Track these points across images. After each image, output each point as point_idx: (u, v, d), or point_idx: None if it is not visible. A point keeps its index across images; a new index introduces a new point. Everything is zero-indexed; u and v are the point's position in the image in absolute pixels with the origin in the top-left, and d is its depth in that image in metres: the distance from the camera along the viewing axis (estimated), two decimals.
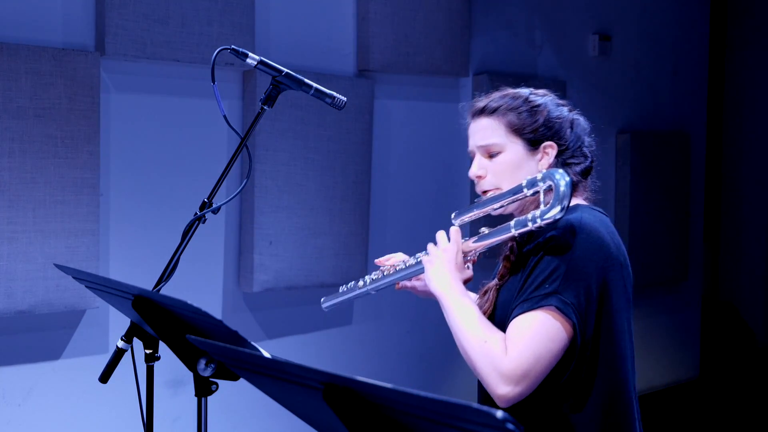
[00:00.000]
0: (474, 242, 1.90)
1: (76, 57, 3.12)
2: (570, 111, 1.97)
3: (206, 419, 1.86)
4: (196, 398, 1.84)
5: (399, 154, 4.18)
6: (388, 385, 1.06)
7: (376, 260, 2.19)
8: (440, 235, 1.93)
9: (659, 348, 5.60)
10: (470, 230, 2.06)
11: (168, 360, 2.04)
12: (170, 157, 3.46)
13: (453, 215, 1.99)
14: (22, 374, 3.15)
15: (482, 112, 1.97)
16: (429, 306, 4.61)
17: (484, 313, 1.85)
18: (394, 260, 2.14)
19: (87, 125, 3.14)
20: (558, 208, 1.68)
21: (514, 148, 1.90)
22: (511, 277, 1.87)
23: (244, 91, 3.61)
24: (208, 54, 3.24)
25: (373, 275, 2.14)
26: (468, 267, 1.93)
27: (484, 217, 1.95)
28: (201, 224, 2.17)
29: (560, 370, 1.77)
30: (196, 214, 2.16)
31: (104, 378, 2.03)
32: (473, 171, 1.94)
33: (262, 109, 2.26)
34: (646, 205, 5.28)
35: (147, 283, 2.16)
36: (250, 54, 2.24)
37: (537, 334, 1.71)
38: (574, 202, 1.89)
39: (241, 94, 3.62)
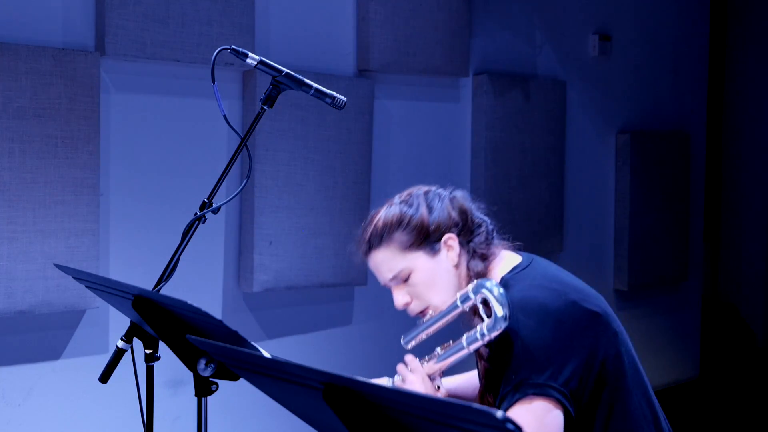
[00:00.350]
0: (435, 363, 1.90)
1: (76, 57, 3.12)
2: (440, 197, 1.95)
3: (206, 419, 1.86)
4: (196, 398, 1.84)
5: (399, 154, 4.18)
6: (389, 385, 1.06)
7: None
8: (401, 368, 1.93)
9: (659, 348, 5.60)
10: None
11: (168, 360, 2.04)
12: (170, 157, 3.46)
13: (402, 340, 1.98)
14: (22, 374, 3.15)
15: (371, 246, 1.94)
16: None
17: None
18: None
19: (87, 125, 3.14)
20: (502, 322, 1.67)
21: (419, 262, 1.88)
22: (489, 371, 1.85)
23: (244, 91, 3.61)
24: (208, 54, 3.24)
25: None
26: (438, 387, 1.94)
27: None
28: (201, 224, 2.17)
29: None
30: (196, 214, 2.16)
31: (104, 378, 2.03)
32: (397, 303, 1.93)
33: (262, 109, 2.26)
34: (646, 205, 5.28)
35: (147, 283, 2.16)
36: (250, 54, 2.24)
37: (528, 425, 1.66)
38: (496, 268, 1.89)
39: (241, 94, 3.62)
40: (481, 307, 1.72)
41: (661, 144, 5.37)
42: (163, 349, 1.91)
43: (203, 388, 1.82)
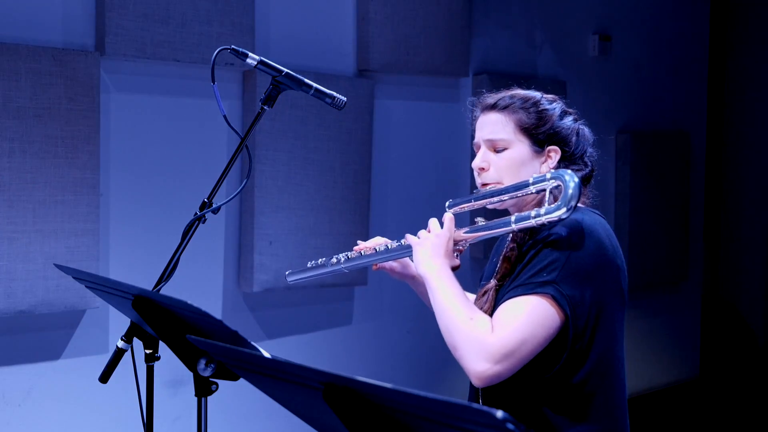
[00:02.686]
0: (466, 232, 1.91)
1: (76, 57, 3.12)
2: (575, 120, 1.99)
3: (206, 419, 1.86)
4: (196, 398, 1.84)
5: (399, 154, 4.18)
6: (388, 385, 1.06)
7: (358, 242, 2.19)
8: (433, 221, 1.94)
9: (659, 348, 5.60)
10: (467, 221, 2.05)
11: (168, 360, 2.04)
12: (170, 157, 3.46)
13: (448, 203, 2.01)
14: (22, 374, 3.15)
15: (493, 107, 1.98)
16: (429, 306, 4.60)
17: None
18: (373, 243, 2.15)
19: (87, 125, 3.14)
20: (564, 209, 1.69)
21: (521, 146, 1.92)
22: (510, 278, 1.86)
23: (244, 91, 3.61)
24: (208, 54, 3.24)
25: (350, 254, 2.14)
26: (456, 256, 1.93)
27: (480, 210, 1.97)
28: (201, 224, 2.17)
29: (548, 363, 1.77)
30: (196, 214, 2.16)
31: (104, 378, 2.03)
32: (476, 162, 1.95)
33: (262, 109, 2.26)
34: (646, 205, 5.28)
35: (147, 283, 2.16)
36: (250, 54, 2.24)
37: (528, 316, 1.71)
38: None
39: (241, 94, 3.62)
40: (547, 195, 1.75)
41: (661, 144, 5.37)
42: (163, 349, 1.91)
43: (203, 388, 1.82)
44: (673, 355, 5.71)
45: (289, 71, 2.27)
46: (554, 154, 1.92)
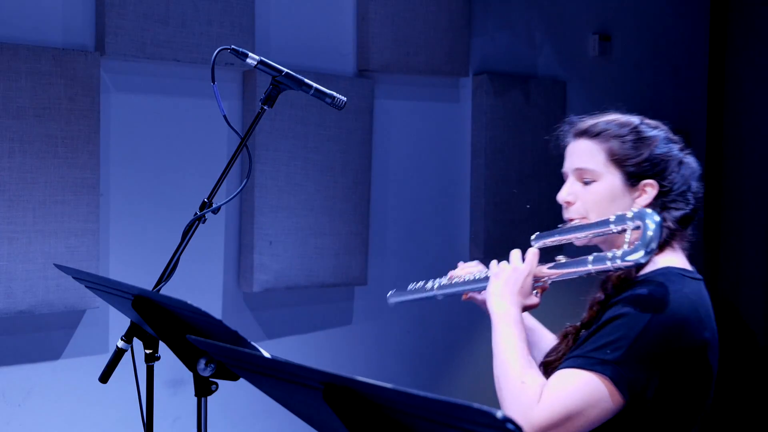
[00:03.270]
0: (549, 269, 1.78)
1: (76, 57, 3.11)
2: (681, 150, 1.82)
3: (206, 419, 1.86)
4: (196, 398, 1.84)
5: (399, 154, 4.18)
6: (388, 385, 1.06)
7: (456, 267, 2.07)
8: (515, 253, 1.82)
9: None
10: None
11: (168, 360, 2.04)
12: (170, 157, 3.46)
13: (533, 237, 1.89)
14: (22, 374, 3.15)
15: (585, 133, 1.83)
16: (429, 306, 4.61)
17: (560, 358, 1.74)
18: (469, 269, 2.03)
19: (87, 125, 3.14)
20: (642, 252, 1.55)
21: (611, 179, 1.77)
22: (587, 330, 1.73)
23: (244, 91, 3.61)
24: (208, 54, 3.24)
25: (444, 280, 2.04)
26: (536, 294, 1.81)
27: (566, 244, 1.86)
28: (201, 224, 2.17)
29: None
30: (196, 214, 2.16)
31: (104, 378, 2.03)
32: (562, 195, 1.83)
33: (262, 109, 2.26)
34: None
35: (147, 283, 2.16)
36: (250, 54, 2.24)
37: (578, 392, 1.60)
38: (668, 255, 1.76)
39: (241, 94, 3.62)
40: (628, 236, 1.60)
41: None
42: (163, 349, 1.91)
43: (203, 388, 1.82)
44: None
45: (289, 71, 2.27)
46: (650, 188, 1.76)
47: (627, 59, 5.25)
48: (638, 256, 1.56)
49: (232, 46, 2.24)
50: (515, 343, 1.70)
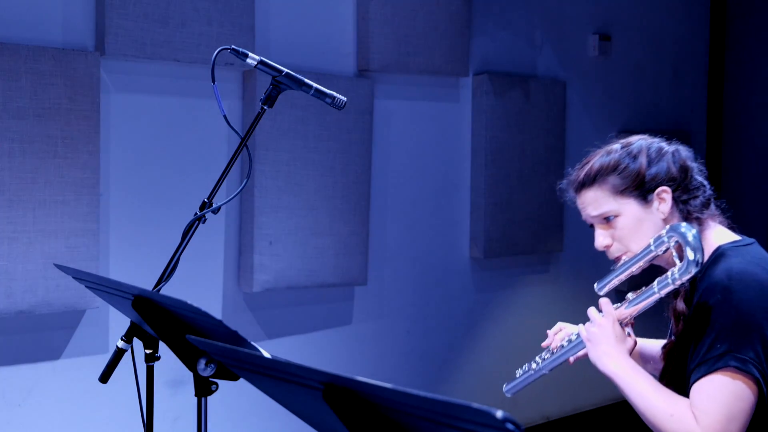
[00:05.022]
0: (625, 309, 1.86)
1: (76, 57, 3.12)
2: (668, 143, 1.94)
3: (206, 419, 1.86)
4: (196, 398, 1.84)
5: (399, 154, 4.18)
6: (388, 385, 1.06)
7: (547, 332, 2.16)
8: (592, 311, 1.89)
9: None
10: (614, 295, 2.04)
11: (168, 360, 2.04)
12: (170, 157, 3.46)
13: (596, 287, 1.96)
14: (22, 374, 3.15)
15: (583, 185, 1.93)
16: (429, 306, 4.61)
17: (668, 374, 1.83)
18: (560, 335, 2.12)
19: (87, 125, 3.14)
20: (693, 266, 1.66)
21: (628, 208, 1.87)
22: (689, 342, 1.81)
23: (244, 91, 3.61)
24: (208, 54, 3.24)
25: (545, 355, 2.11)
26: (629, 333, 1.88)
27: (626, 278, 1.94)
28: (201, 224, 2.17)
29: (759, 428, 1.73)
30: (196, 214, 2.16)
31: (104, 378, 2.03)
32: (599, 243, 1.92)
33: (262, 109, 2.26)
34: None
35: (147, 283, 2.16)
36: (250, 54, 2.24)
37: (723, 395, 1.68)
38: (711, 234, 1.86)
39: (241, 94, 3.62)
40: (674, 252, 1.72)
41: None
42: (163, 349, 1.91)
43: (203, 388, 1.81)
44: None
45: (289, 71, 2.27)
46: (665, 194, 1.86)
47: (627, 59, 5.25)
48: (693, 270, 1.67)
49: (232, 46, 2.24)
50: (644, 387, 1.77)
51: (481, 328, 4.56)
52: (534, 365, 2.12)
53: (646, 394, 1.76)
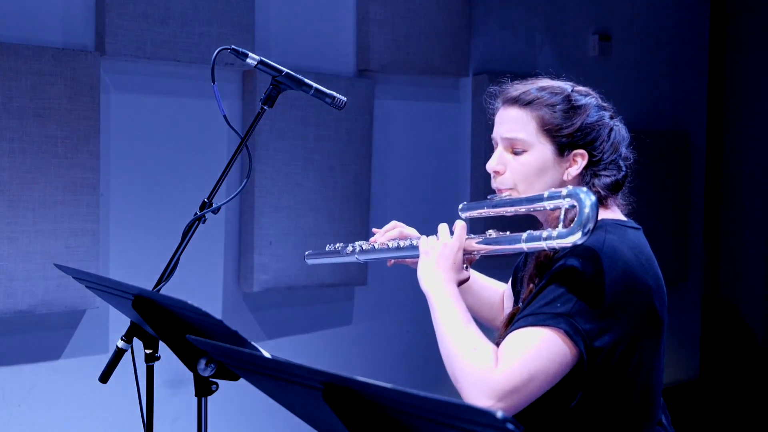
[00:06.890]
0: (478, 243, 1.72)
1: (76, 57, 3.12)
2: (612, 117, 1.81)
3: (206, 419, 1.86)
4: (196, 398, 1.84)
5: (399, 154, 4.18)
6: (388, 385, 1.06)
7: (374, 230, 2.03)
8: (443, 227, 1.76)
9: None
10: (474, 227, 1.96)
11: (168, 360, 2.04)
12: (170, 157, 3.46)
13: (461, 207, 1.85)
14: (22, 374, 3.15)
15: (515, 101, 1.77)
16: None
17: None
18: (390, 234, 1.98)
19: (87, 125, 3.14)
20: (579, 234, 1.51)
21: (542, 149, 1.73)
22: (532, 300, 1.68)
23: (244, 91, 3.61)
24: (208, 54, 3.24)
25: (365, 244, 1.98)
26: (466, 267, 1.75)
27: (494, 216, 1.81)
28: (201, 224, 2.17)
29: (565, 397, 1.63)
30: (196, 214, 2.16)
31: (104, 378, 2.03)
32: (491, 165, 1.78)
33: (262, 109, 2.26)
34: (646, 204, 5.27)
35: (147, 283, 2.16)
36: (250, 54, 2.24)
37: (537, 350, 1.56)
38: (602, 211, 1.74)
39: (241, 94, 3.62)
40: (563, 214, 1.56)
41: (661, 143, 5.37)
42: (163, 349, 1.91)
43: (203, 388, 1.81)
44: (673, 355, 5.71)
45: (289, 71, 2.27)
46: (580, 159, 1.73)
47: (627, 59, 5.25)
48: (575, 237, 1.51)
49: (232, 46, 2.24)
50: (459, 317, 1.65)
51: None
52: (350, 248, 1.98)
53: (458, 322, 1.63)
